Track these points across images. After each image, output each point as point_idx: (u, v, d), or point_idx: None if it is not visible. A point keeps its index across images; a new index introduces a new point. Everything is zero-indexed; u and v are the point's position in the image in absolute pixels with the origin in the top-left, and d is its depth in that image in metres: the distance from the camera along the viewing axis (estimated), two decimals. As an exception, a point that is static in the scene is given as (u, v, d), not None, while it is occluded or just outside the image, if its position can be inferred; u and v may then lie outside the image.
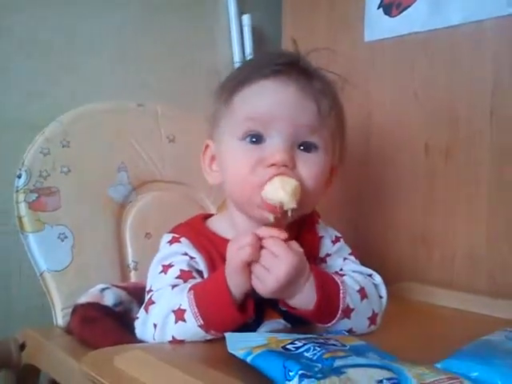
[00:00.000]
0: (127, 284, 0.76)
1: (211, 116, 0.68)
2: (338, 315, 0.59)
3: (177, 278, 0.61)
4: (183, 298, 0.57)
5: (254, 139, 0.61)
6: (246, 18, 1.20)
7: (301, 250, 0.57)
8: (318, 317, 0.58)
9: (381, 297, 0.65)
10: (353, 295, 0.60)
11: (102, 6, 1.03)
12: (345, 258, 0.70)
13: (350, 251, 0.71)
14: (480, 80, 0.85)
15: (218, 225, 0.69)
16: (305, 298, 0.57)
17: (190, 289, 0.57)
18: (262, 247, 0.56)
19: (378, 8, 0.99)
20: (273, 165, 0.59)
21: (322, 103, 0.62)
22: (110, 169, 0.83)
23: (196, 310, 0.55)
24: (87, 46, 1.01)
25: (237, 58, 1.19)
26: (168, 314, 0.57)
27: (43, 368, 0.67)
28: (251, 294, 0.57)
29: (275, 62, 0.63)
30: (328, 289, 0.58)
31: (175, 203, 0.87)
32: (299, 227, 0.69)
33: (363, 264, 0.70)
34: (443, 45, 0.90)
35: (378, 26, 0.99)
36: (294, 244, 0.57)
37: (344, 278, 0.62)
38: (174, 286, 0.59)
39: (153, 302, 0.59)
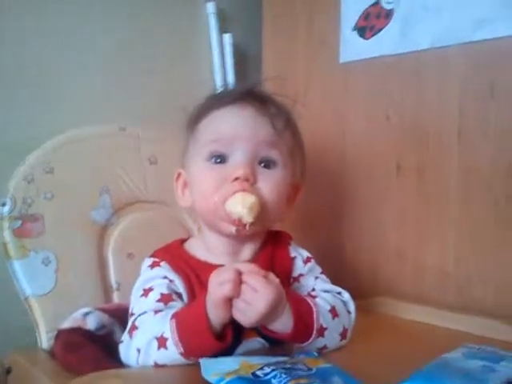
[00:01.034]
0: (109, 306, 0.79)
1: (183, 146, 0.75)
2: (313, 335, 0.63)
3: (158, 301, 0.64)
4: (165, 325, 0.59)
5: (218, 159, 0.68)
6: (227, 37, 1.23)
7: (277, 280, 0.60)
8: (294, 338, 0.63)
9: (349, 312, 0.70)
10: (325, 315, 0.65)
11: (83, 30, 1.05)
12: (316, 277, 0.74)
13: (320, 270, 0.76)
14: (447, 103, 0.89)
15: (194, 247, 0.73)
16: (283, 323, 0.61)
17: (172, 317, 0.60)
18: (241, 282, 0.59)
19: (353, 30, 1.02)
20: (236, 179, 0.65)
21: (275, 122, 0.69)
22: (92, 192, 0.85)
23: (177, 339, 0.58)
24: (67, 70, 1.04)
25: (218, 76, 1.22)
26: (151, 341, 0.60)
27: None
28: (230, 321, 0.60)
29: (233, 91, 0.74)
30: (303, 312, 0.63)
31: (157, 223, 0.90)
32: (272, 248, 0.74)
33: (336, 281, 0.74)
34: (412, 68, 0.93)
35: (353, 47, 1.02)
36: (271, 276, 0.60)
37: (316, 299, 0.67)
38: (156, 312, 0.62)
39: (136, 328, 0.62)
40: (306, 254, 0.76)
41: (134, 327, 0.62)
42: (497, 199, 0.83)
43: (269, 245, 0.73)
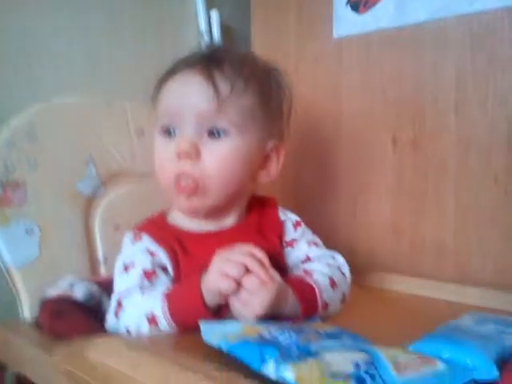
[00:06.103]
0: (98, 278, 0.75)
1: None
2: (319, 313, 0.62)
3: (141, 279, 0.61)
4: (157, 307, 0.57)
5: (167, 133, 0.65)
6: (214, 14, 1.20)
7: (278, 277, 0.57)
8: (303, 319, 0.60)
9: (344, 274, 0.69)
10: (327, 291, 0.64)
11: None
12: (309, 243, 0.72)
13: (311, 233, 0.74)
14: (444, 75, 0.87)
15: (177, 217, 0.70)
16: (290, 310, 0.59)
17: (164, 299, 0.57)
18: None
19: (346, 5, 1.00)
20: (178, 155, 0.62)
21: (221, 86, 0.62)
22: (78, 162, 0.81)
23: (171, 322, 0.56)
24: (49, 41, 0.98)
25: (206, 53, 1.19)
26: (141, 323, 0.57)
27: (11, 363, 0.65)
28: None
29: (193, 56, 0.66)
30: (307, 296, 0.61)
31: (145, 195, 0.86)
32: (259, 213, 0.72)
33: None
34: (409, 41, 0.91)
35: (347, 22, 1.00)
36: (272, 273, 0.57)
37: (314, 276, 0.64)
38: (142, 290, 0.59)
39: (122, 308, 0.59)
40: (294, 217, 0.74)
41: (119, 308, 0.59)
42: (495, 171, 0.82)
43: (254, 210, 0.71)
